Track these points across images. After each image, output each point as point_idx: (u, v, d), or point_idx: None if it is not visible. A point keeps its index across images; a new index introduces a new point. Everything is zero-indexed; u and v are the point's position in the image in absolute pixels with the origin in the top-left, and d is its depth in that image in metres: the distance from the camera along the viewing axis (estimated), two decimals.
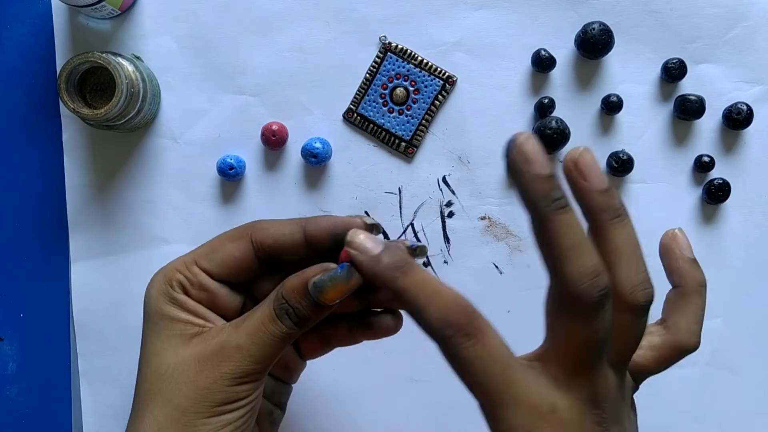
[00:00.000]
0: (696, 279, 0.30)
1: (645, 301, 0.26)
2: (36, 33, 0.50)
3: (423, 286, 0.26)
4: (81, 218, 0.50)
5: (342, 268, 0.29)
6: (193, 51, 0.50)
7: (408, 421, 0.51)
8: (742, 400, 0.51)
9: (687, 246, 0.31)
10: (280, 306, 0.30)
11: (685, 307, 0.30)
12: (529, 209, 0.25)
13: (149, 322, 0.32)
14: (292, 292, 0.30)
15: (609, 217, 0.26)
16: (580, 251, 0.24)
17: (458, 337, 0.25)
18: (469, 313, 0.26)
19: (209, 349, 0.30)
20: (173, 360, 0.30)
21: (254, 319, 0.30)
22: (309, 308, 0.29)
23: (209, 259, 0.32)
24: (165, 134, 0.50)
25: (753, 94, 0.49)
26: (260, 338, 0.29)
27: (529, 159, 0.24)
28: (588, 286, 0.24)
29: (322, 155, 0.49)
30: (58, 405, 0.51)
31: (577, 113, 0.49)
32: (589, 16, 0.49)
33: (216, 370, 0.29)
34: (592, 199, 0.26)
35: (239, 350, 0.30)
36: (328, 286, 0.29)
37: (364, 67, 0.50)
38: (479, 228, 0.50)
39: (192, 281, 0.32)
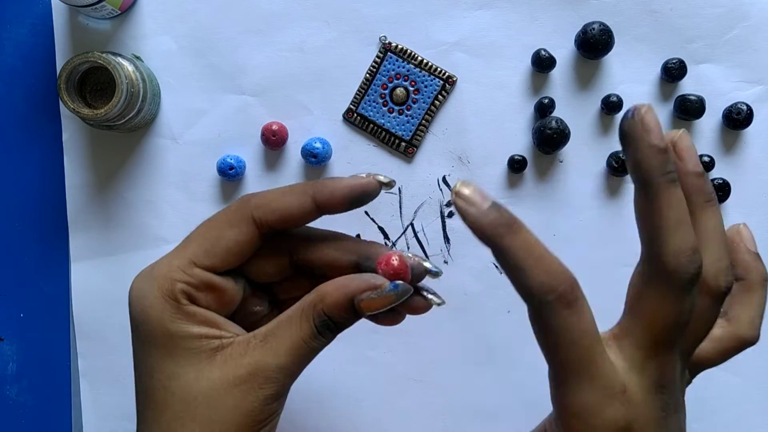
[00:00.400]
0: (760, 272, 0.30)
1: (726, 287, 0.27)
2: (36, 33, 0.50)
3: (532, 248, 0.25)
4: (81, 218, 0.50)
5: (395, 288, 0.28)
6: (193, 51, 0.50)
7: (408, 421, 0.51)
8: (742, 400, 0.51)
9: (751, 240, 0.31)
10: (323, 323, 0.28)
11: (747, 299, 0.30)
12: (639, 178, 0.25)
13: (152, 345, 0.29)
14: (335, 309, 0.28)
15: (702, 200, 0.27)
16: (684, 227, 0.25)
17: (558, 303, 0.25)
18: (572, 282, 0.26)
19: (244, 371, 0.28)
20: (201, 384, 0.28)
21: (293, 338, 0.28)
22: (352, 320, 0.28)
23: (211, 255, 0.29)
24: (165, 134, 0.50)
25: (753, 94, 0.49)
26: (302, 355, 0.28)
27: (649, 128, 0.24)
28: (687, 261, 0.24)
29: (322, 155, 0.49)
30: (58, 405, 0.51)
31: (577, 113, 0.49)
32: (589, 16, 0.49)
33: (260, 393, 0.28)
34: (688, 181, 0.26)
35: (282, 371, 0.28)
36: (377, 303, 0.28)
37: (364, 67, 0.50)
38: None
39: (197, 285, 0.29)
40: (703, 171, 0.27)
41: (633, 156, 0.25)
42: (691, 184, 0.26)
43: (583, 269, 0.50)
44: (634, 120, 0.25)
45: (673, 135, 0.27)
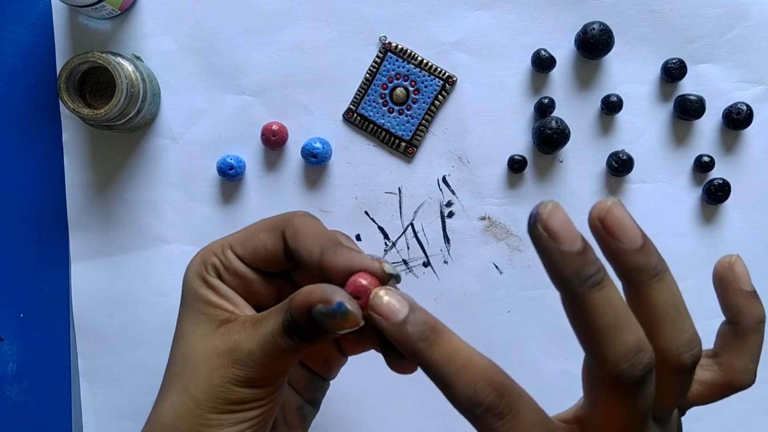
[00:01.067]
0: (754, 315, 0.27)
1: (692, 362, 0.24)
2: (36, 33, 0.50)
3: (452, 359, 0.24)
4: (81, 218, 0.50)
5: (339, 308, 0.27)
6: (193, 51, 0.50)
7: (408, 421, 0.51)
8: (742, 400, 0.51)
9: (745, 277, 0.27)
10: (287, 323, 0.28)
11: (741, 346, 0.27)
12: (558, 288, 0.23)
13: (184, 302, 0.32)
14: (298, 312, 0.28)
15: (647, 278, 0.24)
16: (619, 330, 0.22)
17: (489, 417, 0.23)
18: (501, 388, 0.24)
19: (228, 346, 0.30)
20: (199, 348, 0.30)
21: (267, 329, 0.29)
22: (315, 330, 0.28)
23: (243, 246, 0.31)
24: (165, 134, 0.50)
25: (753, 94, 0.49)
26: (270, 349, 0.29)
27: (555, 234, 0.22)
28: (630, 365, 0.22)
29: (322, 155, 0.49)
30: (58, 405, 0.51)
31: (577, 113, 0.49)
32: (589, 16, 0.49)
33: (229, 371, 0.29)
34: (625, 260, 0.23)
35: (250, 357, 0.29)
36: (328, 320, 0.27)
37: (364, 67, 0.50)
38: (479, 228, 0.50)
39: (226, 265, 0.31)
40: (642, 242, 0.23)
41: (545, 265, 0.23)
42: (629, 263, 0.23)
43: None
44: (537, 228, 0.22)
45: (601, 209, 0.23)
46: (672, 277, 0.25)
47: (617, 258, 0.24)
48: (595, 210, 0.24)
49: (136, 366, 0.51)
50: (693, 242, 0.50)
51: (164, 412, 0.30)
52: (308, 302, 0.28)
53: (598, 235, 0.24)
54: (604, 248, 0.24)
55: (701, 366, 0.28)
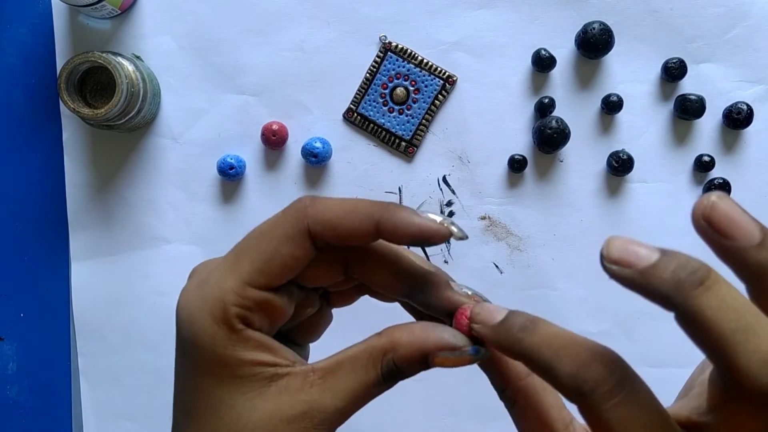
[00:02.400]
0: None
1: None
2: (36, 33, 0.50)
3: (552, 340, 0.22)
4: (81, 218, 0.50)
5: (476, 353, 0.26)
6: (193, 51, 0.50)
7: (408, 421, 0.51)
8: None
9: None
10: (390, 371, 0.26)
11: None
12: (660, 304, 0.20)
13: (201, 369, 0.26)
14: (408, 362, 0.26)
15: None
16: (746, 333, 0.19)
17: (597, 395, 0.20)
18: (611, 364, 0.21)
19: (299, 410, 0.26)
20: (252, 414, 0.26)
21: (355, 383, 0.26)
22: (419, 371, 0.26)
23: (266, 273, 0.26)
24: (165, 134, 0.50)
25: (753, 93, 0.49)
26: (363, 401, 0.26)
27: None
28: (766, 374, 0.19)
29: (323, 155, 0.49)
30: (58, 405, 0.51)
31: (577, 113, 0.49)
32: (589, 15, 0.49)
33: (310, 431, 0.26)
34: (746, 260, 0.20)
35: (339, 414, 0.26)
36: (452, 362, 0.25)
37: (364, 67, 0.50)
38: (479, 228, 0.50)
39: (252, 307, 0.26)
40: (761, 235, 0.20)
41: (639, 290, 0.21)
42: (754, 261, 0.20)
43: (583, 269, 0.50)
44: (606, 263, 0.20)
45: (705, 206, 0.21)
46: None
47: (735, 258, 0.21)
48: (698, 208, 0.21)
49: (136, 366, 0.51)
50: (693, 242, 0.50)
51: None
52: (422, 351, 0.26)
53: (707, 235, 0.21)
54: (717, 249, 0.21)
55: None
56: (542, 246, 0.50)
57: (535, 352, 0.22)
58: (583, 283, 0.49)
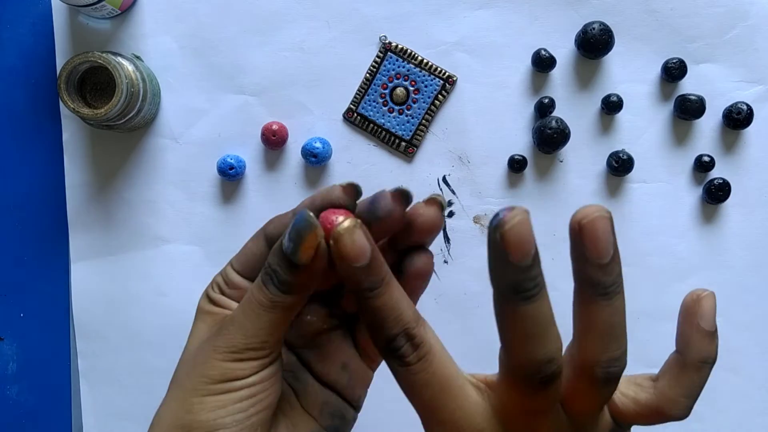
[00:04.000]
0: (701, 353, 0.27)
1: (604, 377, 0.26)
2: (36, 33, 0.50)
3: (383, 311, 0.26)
4: (81, 218, 0.50)
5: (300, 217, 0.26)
6: (193, 51, 0.50)
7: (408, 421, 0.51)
8: (742, 400, 0.51)
9: (709, 315, 0.27)
10: (265, 271, 0.28)
11: (678, 376, 0.28)
12: (494, 287, 0.24)
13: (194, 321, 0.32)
14: (272, 255, 0.28)
15: (596, 294, 0.25)
16: (534, 341, 0.24)
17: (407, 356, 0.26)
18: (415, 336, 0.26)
19: (213, 329, 0.30)
20: (195, 345, 0.30)
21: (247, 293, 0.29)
22: (288, 270, 0.27)
23: (237, 260, 0.32)
24: (165, 134, 0.50)
25: (753, 93, 0.49)
26: (250, 308, 0.28)
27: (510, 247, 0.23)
28: (533, 371, 0.24)
29: (323, 155, 0.49)
30: (58, 405, 0.51)
31: (577, 113, 0.49)
32: (589, 15, 0.49)
33: (210, 344, 0.29)
34: (585, 271, 0.25)
35: (232, 323, 0.28)
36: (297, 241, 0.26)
37: (364, 67, 0.50)
38: (479, 228, 0.50)
39: (226, 281, 0.32)
40: (609, 260, 0.24)
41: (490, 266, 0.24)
42: (587, 274, 0.25)
43: None
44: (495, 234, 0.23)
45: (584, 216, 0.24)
46: (622, 301, 0.25)
47: (578, 264, 0.25)
48: (580, 214, 0.24)
49: (136, 366, 0.51)
50: (693, 242, 0.50)
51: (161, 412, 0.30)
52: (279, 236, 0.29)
53: (572, 237, 0.25)
54: (573, 250, 0.25)
55: (641, 386, 0.28)
56: (542, 246, 0.50)
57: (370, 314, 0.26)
58: None
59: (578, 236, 0.24)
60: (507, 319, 0.24)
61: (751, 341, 0.51)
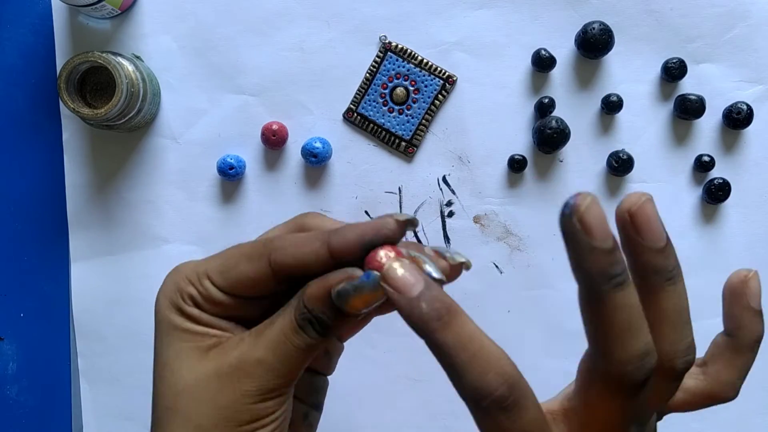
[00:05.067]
0: (753, 333, 0.27)
1: (683, 368, 0.25)
2: (36, 33, 0.50)
3: (465, 345, 0.23)
4: (81, 218, 0.50)
5: (369, 278, 0.25)
6: (193, 51, 0.50)
7: (408, 421, 0.51)
8: (742, 400, 0.51)
9: (757, 294, 0.27)
10: (303, 316, 0.27)
11: (732, 360, 0.28)
12: (581, 282, 0.23)
13: (159, 331, 0.29)
14: (314, 301, 0.27)
15: (661, 280, 0.24)
16: (631, 333, 0.23)
17: (495, 410, 0.23)
18: (512, 382, 0.23)
19: (227, 364, 0.27)
20: (190, 376, 0.28)
21: (275, 331, 0.27)
22: (333, 317, 0.27)
23: (222, 276, 0.29)
24: (165, 134, 0.50)
25: (753, 93, 0.49)
26: (283, 351, 0.27)
27: (590, 229, 0.22)
28: (635, 369, 0.23)
29: (322, 155, 0.49)
30: (58, 405, 0.51)
31: (577, 113, 0.49)
32: (589, 15, 0.49)
33: (237, 388, 0.27)
34: (645, 259, 0.24)
35: (261, 365, 0.27)
36: (353, 296, 0.26)
37: (364, 67, 0.50)
38: (479, 227, 0.50)
39: (203, 296, 0.29)
40: (664, 244, 0.24)
41: (573, 257, 0.22)
42: (648, 262, 0.24)
43: None
44: (572, 220, 0.22)
45: (634, 203, 0.23)
46: (684, 284, 0.25)
47: (638, 255, 0.24)
48: (626, 203, 0.23)
49: (136, 366, 0.51)
50: (693, 242, 0.50)
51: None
52: (326, 286, 0.26)
53: (624, 228, 0.23)
54: (627, 242, 0.24)
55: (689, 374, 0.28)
56: (542, 246, 0.50)
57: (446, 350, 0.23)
58: None
59: (630, 225, 0.23)
60: (601, 313, 0.22)
61: None
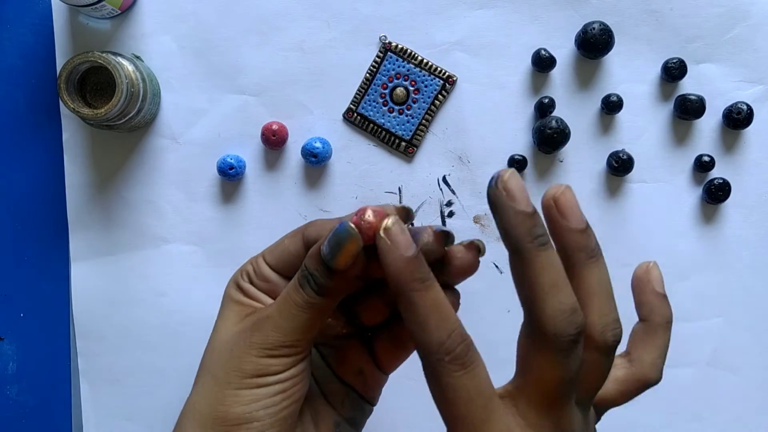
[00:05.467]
0: (664, 315, 0.30)
1: (614, 341, 0.27)
2: (36, 33, 0.50)
3: (438, 307, 0.26)
4: (81, 218, 0.50)
5: (341, 226, 0.28)
6: (193, 51, 0.50)
7: (408, 421, 0.51)
8: (742, 400, 0.51)
9: (659, 281, 0.31)
10: (302, 274, 0.30)
11: (650, 341, 0.30)
12: (509, 245, 0.25)
13: (221, 306, 0.33)
14: (309, 260, 0.29)
15: (585, 257, 0.26)
16: (558, 289, 0.25)
17: (454, 363, 0.25)
18: (468, 343, 0.26)
19: (249, 323, 0.31)
20: (224, 336, 0.31)
21: (283, 293, 0.30)
22: (325, 274, 0.29)
23: (271, 254, 0.33)
24: (165, 134, 0.50)
25: (753, 93, 0.49)
26: (285, 308, 0.30)
27: (513, 195, 0.25)
28: (565, 323, 0.25)
29: (322, 155, 0.49)
30: (58, 405, 0.51)
31: (577, 113, 0.49)
32: (589, 15, 0.49)
33: (247, 339, 0.30)
34: (569, 238, 0.26)
35: (268, 321, 0.30)
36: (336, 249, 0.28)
37: (364, 67, 0.50)
38: (479, 227, 0.50)
39: (257, 272, 0.33)
40: (585, 226, 0.26)
41: (501, 224, 0.25)
42: (572, 241, 0.26)
43: None
44: (497, 188, 0.25)
45: (556, 191, 0.26)
46: (605, 265, 0.27)
47: (563, 236, 0.26)
48: (551, 191, 0.26)
49: (136, 366, 0.51)
50: (693, 242, 0.50)
51: (193, 400, 0.31)
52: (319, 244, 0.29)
53: (550, 213, 0.26)
54: (553, 226, 0.27)
55: (615, 365, 0.30)
56: None
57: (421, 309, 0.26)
58: None
59: (555, 210, 0.26)
60: (528, 271, 0.25)
61: (751, 341, 0.51)
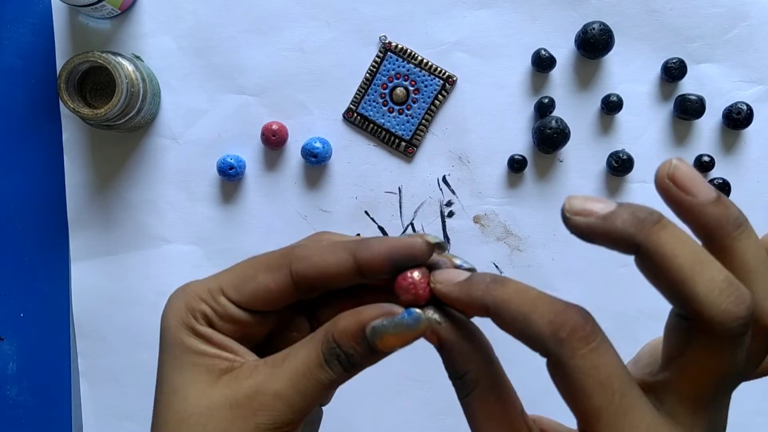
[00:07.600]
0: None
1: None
2: (36, 33, 0.50)
3: (524, 292, 0.23)
4: (81, 218, 0.50)
5: (409, 315, 0.24)
6: (193, 51, 0.50)
7: (408, 421, 0.51)
8: (742, 400, 0.51)
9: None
10: (330, 350, 0.25)
11: None
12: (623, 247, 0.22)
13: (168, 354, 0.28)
14: (345, 336, 0.25)
15: (730, 230, 0.22)
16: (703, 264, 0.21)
17: (575, 340, 0.21)
18: (584, 314, 0.22)
19: (242, 394, 0.26)
20: (200, 403, 0.26)
21: (297, 363, 0.26)
22: (364, 355, 0.25)
23: (239, 291, 0.27)
24: (165, 134, 0.50)
25: (753, 93, 0.49)
26: (304, 386, 0.25)
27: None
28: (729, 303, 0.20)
29: (322, 155, 0.49)
30: (58, 405, 0.51)
31: (577, 113, 0.49)
32: (589, 15, 0.49)
33: (251, 420, 0.25)
34: (706, 214, 0.22)
35: (278, 399, 0.25)
36: (390, 334, 0.25)
37: (364, 67, 0.50)
38: (479, 227, 0.50)
39: (219, 313, 0.27)
40: (717, 195, 0.22)
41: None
42: (713, 216, 0.22)
43: (583, 269, 0.50)
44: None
45: (668, 167, 0.22)
46: (754, 231, 0.23)
47: (695, 214, 0.22)
48: (662, 169, 0.23)
49: (136, 366, 0.51)
50: None
51: None
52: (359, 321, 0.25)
53: (670, 193, 0.23)
54: (679, 206, 0.23)
55: None
56: (542, 246, 0.50)
57: (507, 302, 0.23)
58: (582, 283, 0.49)
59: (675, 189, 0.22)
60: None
61: None
